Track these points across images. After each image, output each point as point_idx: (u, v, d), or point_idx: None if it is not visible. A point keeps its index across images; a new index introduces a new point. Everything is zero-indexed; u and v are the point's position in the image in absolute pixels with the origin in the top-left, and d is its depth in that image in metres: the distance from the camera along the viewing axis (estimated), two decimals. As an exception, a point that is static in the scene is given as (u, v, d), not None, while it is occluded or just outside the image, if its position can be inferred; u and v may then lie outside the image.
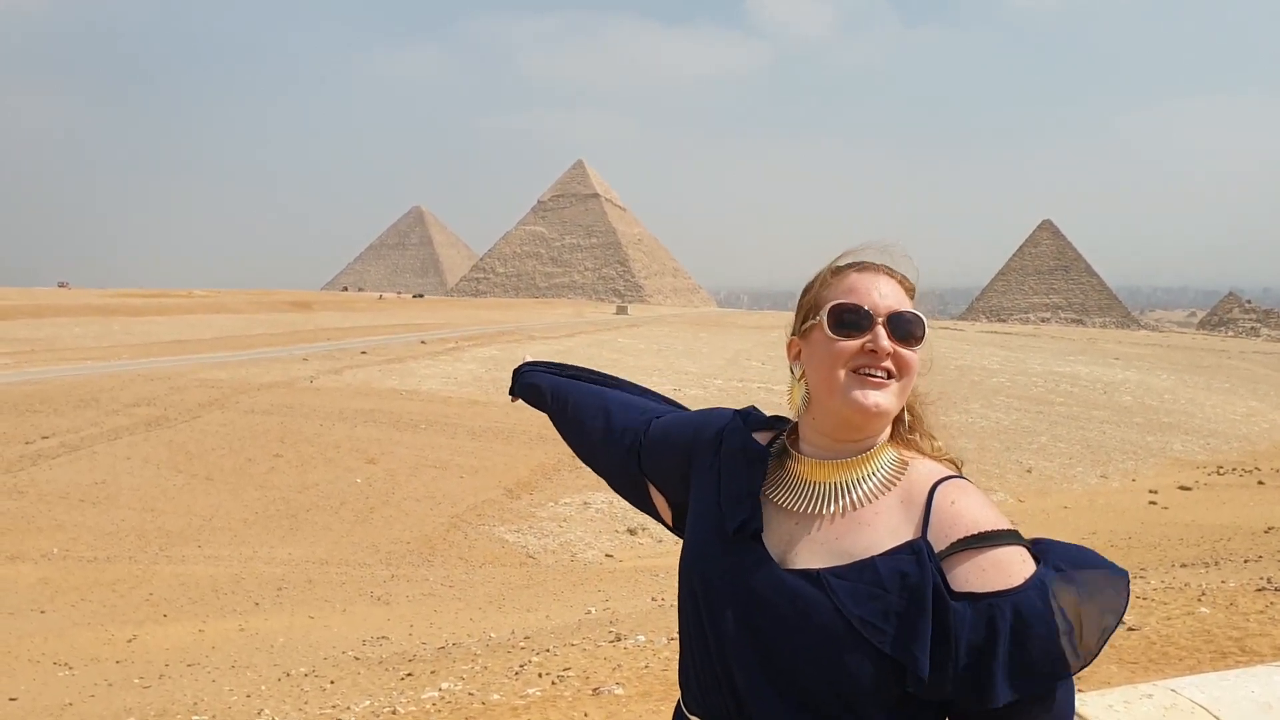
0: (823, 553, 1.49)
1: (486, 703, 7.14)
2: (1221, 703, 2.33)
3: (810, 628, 1.43)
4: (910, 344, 1.54)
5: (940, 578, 1.40)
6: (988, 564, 1.40)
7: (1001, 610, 1.36)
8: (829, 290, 1.60)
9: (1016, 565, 1.39)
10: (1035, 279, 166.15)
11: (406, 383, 32.22)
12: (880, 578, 1.42)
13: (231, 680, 9.71)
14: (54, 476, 19.05)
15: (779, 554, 1.53)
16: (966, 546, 1.41)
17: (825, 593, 1.44)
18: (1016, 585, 1.37)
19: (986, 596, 1.37)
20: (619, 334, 60.06)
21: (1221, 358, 64.49)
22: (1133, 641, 7.02)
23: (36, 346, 41.86)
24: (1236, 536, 15.90)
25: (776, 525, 1.57)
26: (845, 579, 1.44)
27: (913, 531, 1.45)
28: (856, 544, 1.48)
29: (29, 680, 10.19)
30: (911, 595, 1.39)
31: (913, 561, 1.41)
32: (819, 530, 1.52)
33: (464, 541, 17.68)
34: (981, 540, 1.41)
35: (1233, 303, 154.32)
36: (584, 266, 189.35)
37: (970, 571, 1.39)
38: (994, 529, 1.43)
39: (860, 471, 1.54)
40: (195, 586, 14.37)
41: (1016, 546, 1.42)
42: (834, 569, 1.46)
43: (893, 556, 1.43)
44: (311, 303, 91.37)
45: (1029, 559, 1.41)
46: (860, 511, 1.51)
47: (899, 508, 1.49)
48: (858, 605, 1.41)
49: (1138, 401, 38.11)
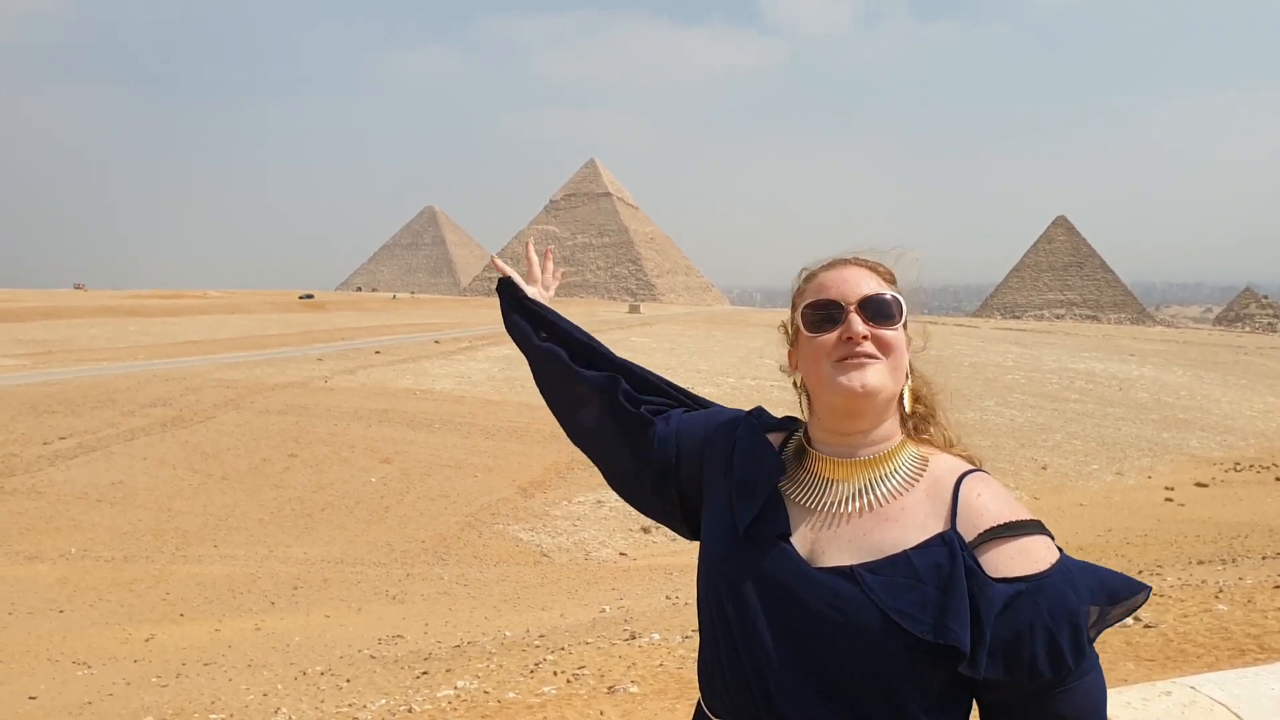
0: (851, 550, 1.50)
1: (502, 701, 7.16)
2: (1241, 700, 2.32)
3: (847, 624, 1.44)
4: (887, 324, 1.55)
5: (975, 563, 1.44)
6: (1015, 551, 1.44)
7: (1033, 593, 1.41)
8: (801, 295, 1.65)
9: (1042, 552, 1.45)
10: (1050, 275, 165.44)
11: (420, 382, 32.32)
12: (916, 570, 1.44)
13: (248, 679, 9.76)
14: (72, 477, 19.18)
15: (805, 552, 1.53)
16: (995, 536, 1.45)
17: (861, 588, 1.45)
18: (1044, 570, 1.43)
19: (1018, 581, 1.42)
20: (631, 333, 60.05)
21: (1238, 353, 64.06)
22: (1150, 638, 6.99)
23: (54, 348, 42.15)
24: (1254, 533, 15.81)
25: (799, 523, 1.57)
26: (880, 574, 1.45)
27: (941, 524, 1.48)
28: (885, 539, 1.49)
29: (48, 679, 10.26)
30: (948, 583, 1.42)
31: (945, 553, 1.44)
32: (844, 528, 1.53)
33: (478, 540, 17.73)
34: (1009, 530, 1.46)
35: (1249, 298, 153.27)
36: (596, 265, 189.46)
37: (1000, 558, 1.44)
38: (1019, 519, 1.47)
39: (883, 469, 1.56)
40: (212, 586, 14.45)
41: (1041, 535, 1.47)
42: (867, 564, 1.47)
43: (925, 549, 1.46)
44: (325, 303, 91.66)
45: (1053, 547, 1.47)
46: (886, 508, 1.52)
47: (925, 502, 1.51)
48: (894, 598, 1.43)
49: (1153, 398, 37.91)
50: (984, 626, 1.40)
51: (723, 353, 47.65)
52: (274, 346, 43.89)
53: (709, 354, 46.98)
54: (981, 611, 1.41)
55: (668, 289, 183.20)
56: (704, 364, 42.16)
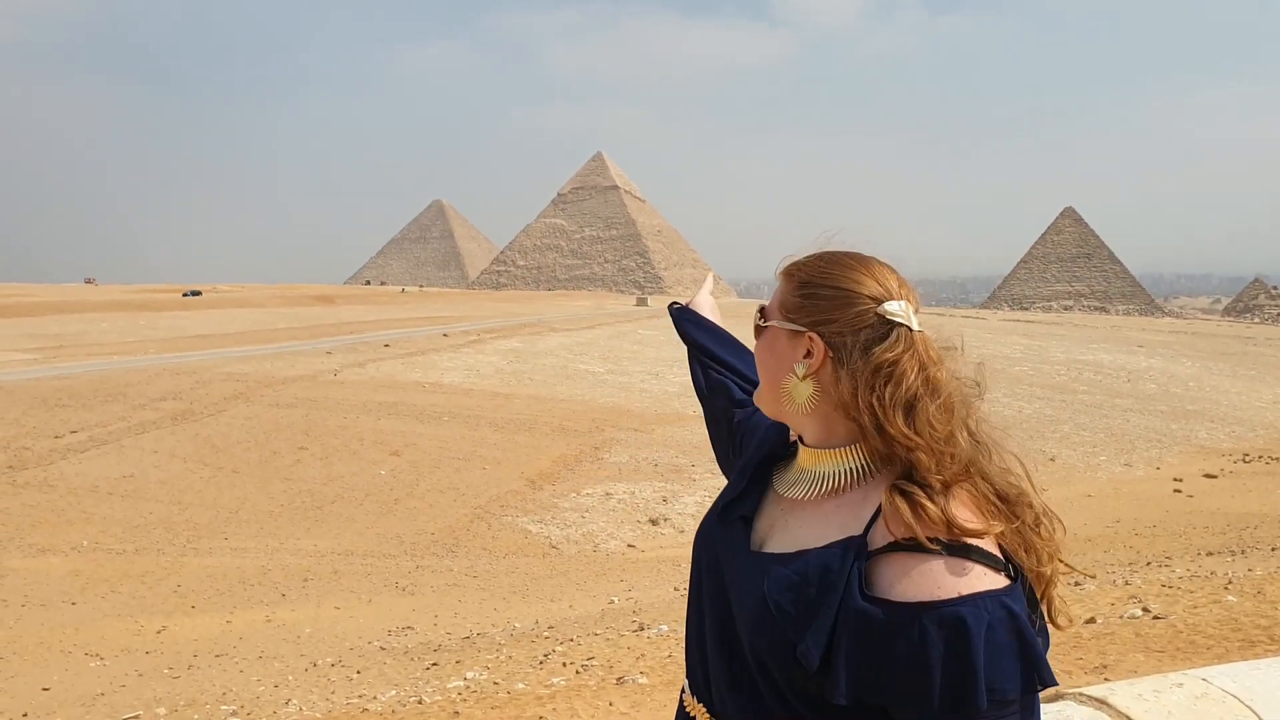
0: (786, 539, 1.48)
1: (512, 692, 7.18)
2: (1254, 692, 2.32)
3: (750, 611, 1.42)
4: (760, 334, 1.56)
5: (860, 577, 1.31)
6: (917, 572, 1.27)
7: (915, 623, 1.24)
8: None
9: (951, 579, 1.25)
10: (1058, 266, 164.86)
11: (429, 375, 32.37)
12: (806, 568, 1.37)
13: (259, 670, 9.81)
14: (83, 470, 19.27)
15: (760, 537, 1.53)
16: (901, 549, 1.30)
17: (763, 577, 1.42)
18: (941, 599, 1.24)
19: (904, 606, 1.26)
20: (639, 325, 60.03)
21: (1247, 344, 63.76)
22: (1159, 630, 6.98)
23: (65, 342, 42.31)
24: (1263, 524, 15.75)
25: (768, 509, 1.58)
26: (785, 566, 1.41)
27: (860, 528, 1.37)
28: (810, 533, 1.44)
29: (61, 670, 10.33)
30: (826, 589, 1.32)
31: (838, 557, 1.35)
32: (793, 517, 1.51)
33: (487, 532, 17.77)
34: (917, 544, 1.28)
35: (1258, 289, 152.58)
36: (604, 259, 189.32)
37: (891, 576, 1.29)
38: (935, 535, 1.28)
39: (843, 462, 1.47)
40: (223, 578, 14.51)
41: (962, 560, 1.27)
42: (779, 555, 1.44)
43: (825, 550, 1.38)
44: (334, 297, 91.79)
45: (979, 576, 1.26)
46: (827, 502, 1.47)
47: (857, 503, 1.42)
48: (779, 593, 1.37)
49: (1162, 389, 37.78)
50: (838, 647, 1.29)
51: (730, 345, 47.55)
52: (283, 340, 44.00)
53: (717, 346, 46.87)
54: (839, 629, 1.29)
55: (675, 282, 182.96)
56: (712, 356, 42.06)
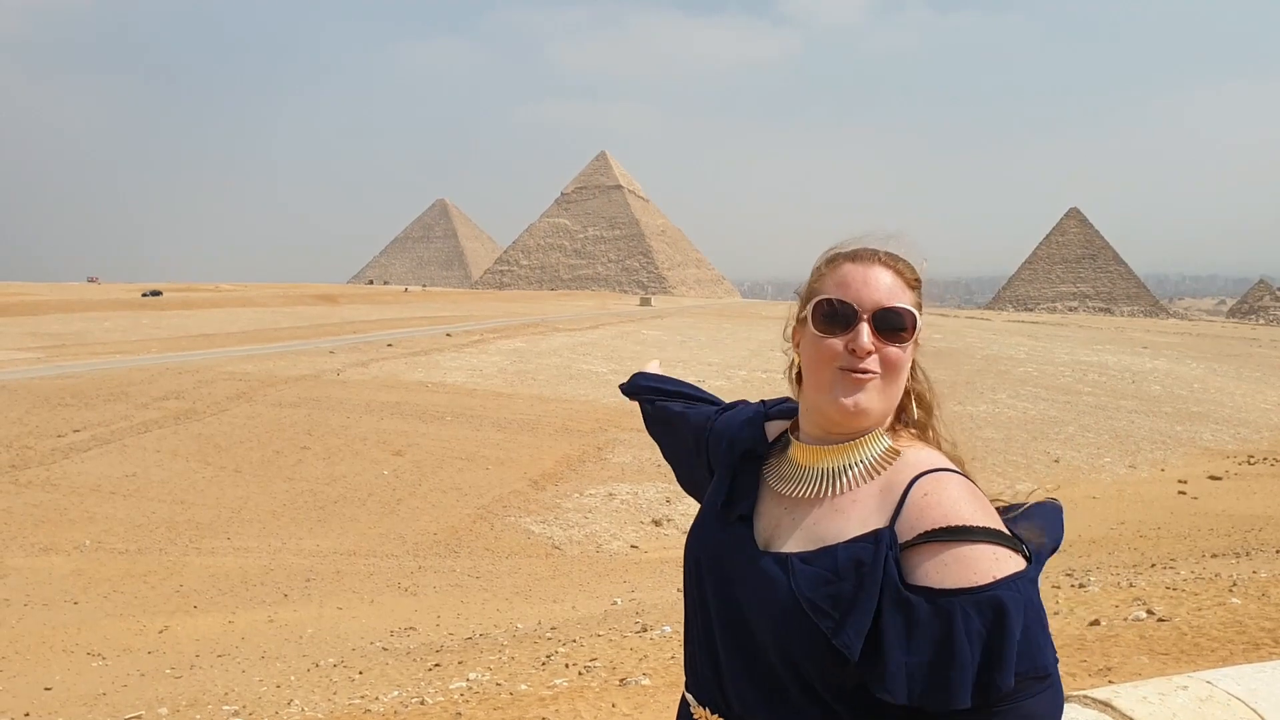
0: (800, 537, 1.49)
1: (514, 693, 7.18)
2: (1259, 695, 2.30)
3: (774, 611, 1.43)
4: (896, 341, 1.50)
5: (897, 568, 1.35)
6: (951, 559, 1.33)
7: (958, 609, 1.29)
8: (821, 282, 1.57)
9: (985, 563, 1.32)
10: (1062, 267, 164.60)
11: (432, 375, 32.39)
12: (837, 564, 1.39)
13: (261, 671, 9.81)
14: (85, 469, 19.29)
15: (765, 537, 1.53)
16: (933, 539, 1.35)
17: (788, 576, 1.42)
18: (980, 585, 1.30)
19: (945, 593, 1.30)
20: (643, 325, 60.04)
21: (1252, 346, 63.66)
22: (1164, 632, 6.96)
23: (67, 341, 42.34)
24: (1268, 526, 15.72)
25: (768, 508, 1.58)
26: (811, 564, 1.42)
27: (883, 521, 1.41)
28: (829, 530, 1.46)
29: (63, 670, 10.34)
30: (862, 583, 1.35)
31: (871, 550, 1.38)
32: (802, 515, 1.52)
33: (490, 533, 17.77)
34: (950, 534, 1.34)
35: (1263, 290, 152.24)
36: (607, 258, 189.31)
37: (931, 565, 1.33)
38: (968, 524, 1.35)
39: (848, 458, 1.51)
40: (225, 578, 14.51)
41: (990, 545, 1.33)
42: (802, 554, 1.45)
43: (854, 544, 1.40)
44: (337, 296, 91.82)
45: (1007, 560, 1.33)
46: (840, 498, 1.49)
47: (877, 497, 1.46)
48: (812, 590, 1.39)
49: (1166, 391, 37.70)
50: (883, 637, 1.32)
51: (734, 345, 47.61)
52: (286, 339, 44.03)
53: (720, 347, 46.95)
54: (884, 620, 1.32)
55: (679, 282, 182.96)
56: (715, 357, 42.13)
